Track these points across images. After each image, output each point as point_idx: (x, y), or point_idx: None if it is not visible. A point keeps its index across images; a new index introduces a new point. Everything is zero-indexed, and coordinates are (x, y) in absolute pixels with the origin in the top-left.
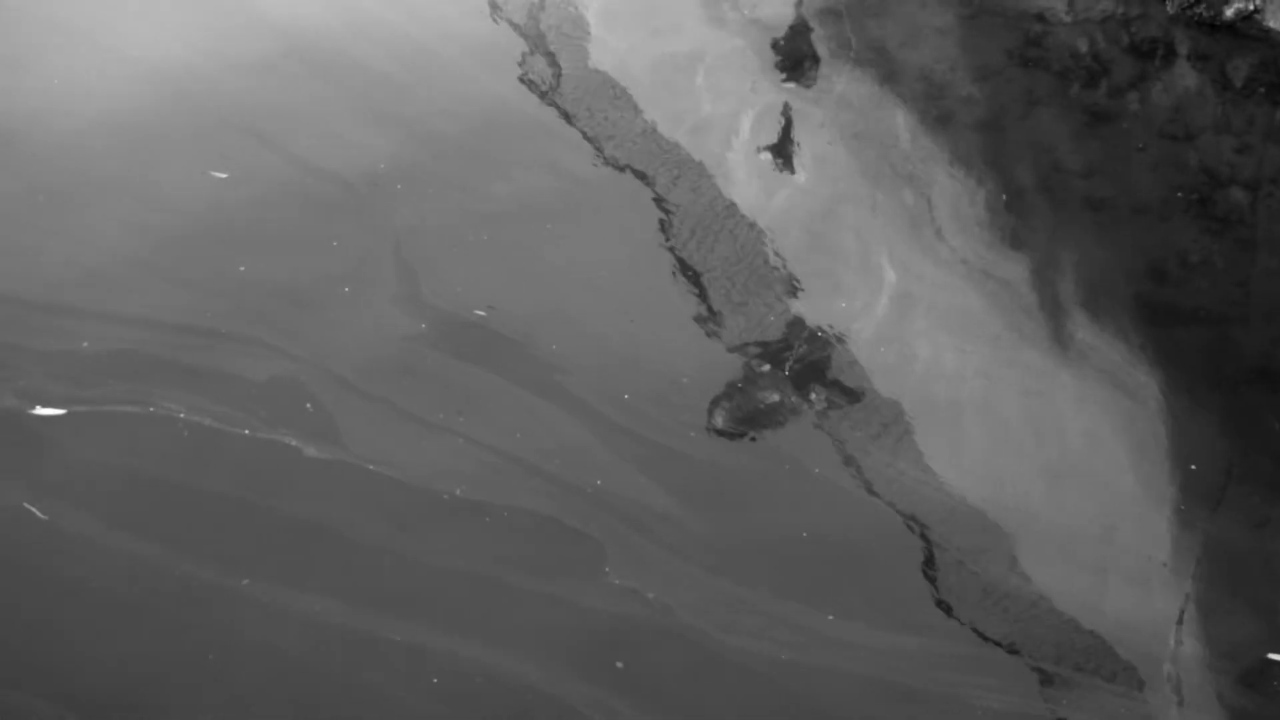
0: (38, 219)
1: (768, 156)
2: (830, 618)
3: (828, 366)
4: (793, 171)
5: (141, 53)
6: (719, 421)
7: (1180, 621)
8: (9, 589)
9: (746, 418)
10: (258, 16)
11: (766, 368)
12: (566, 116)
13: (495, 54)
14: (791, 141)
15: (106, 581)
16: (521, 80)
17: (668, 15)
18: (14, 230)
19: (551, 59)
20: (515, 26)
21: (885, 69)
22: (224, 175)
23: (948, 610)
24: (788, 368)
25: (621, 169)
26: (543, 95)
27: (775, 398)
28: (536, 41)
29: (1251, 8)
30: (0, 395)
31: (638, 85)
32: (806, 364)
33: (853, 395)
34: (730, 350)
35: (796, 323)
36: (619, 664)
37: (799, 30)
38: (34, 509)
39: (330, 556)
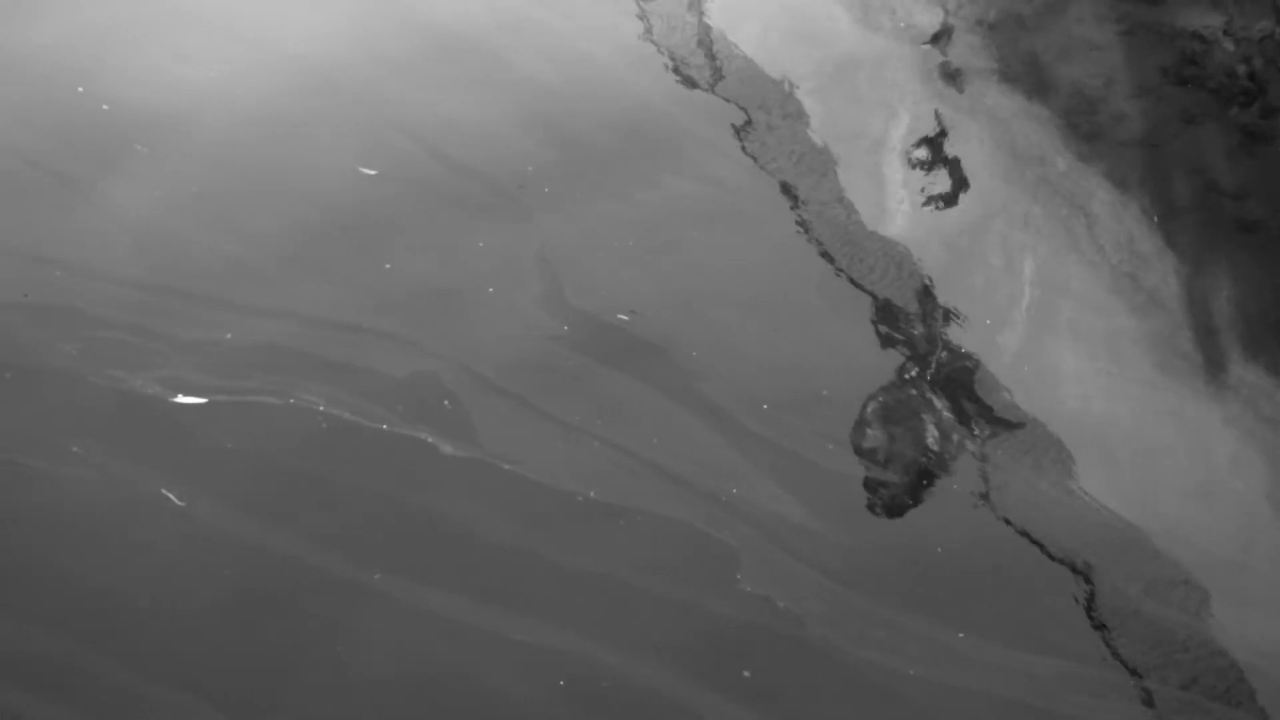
0: (189, 210)
1: (918, 168)
2: (961, 635)
3: (971, 383)
4: (943, 184)
5: (298, 49)
6: (858, 435)
7: None
8: (142, 574)
9: (887, 432)
10: (412, 14)
11: (908, 382)
12: (716, 123)
13: (647, 58)
14: (942, 153)
15: (239, 570)
16: (672, 86)
17: (821, 22)
18: (165, 220)
19: (702, 65)
20: (667, 31)
21: (1037, 82)
22: (374, 172)
23: (1082, 632)
24: (930, 383)
25: (770, 177)
26: (693, 101)
27: (916, 413)
28: (688, 47)
29: None
30: (144, 383)
31: (790, 93)
32: (949, 380)
33: (995, 413)
34: (872, 363)
35: (941, 339)
36: (746, 673)
37: (952, 41)
38: (171, 495)
39: (462, 554)
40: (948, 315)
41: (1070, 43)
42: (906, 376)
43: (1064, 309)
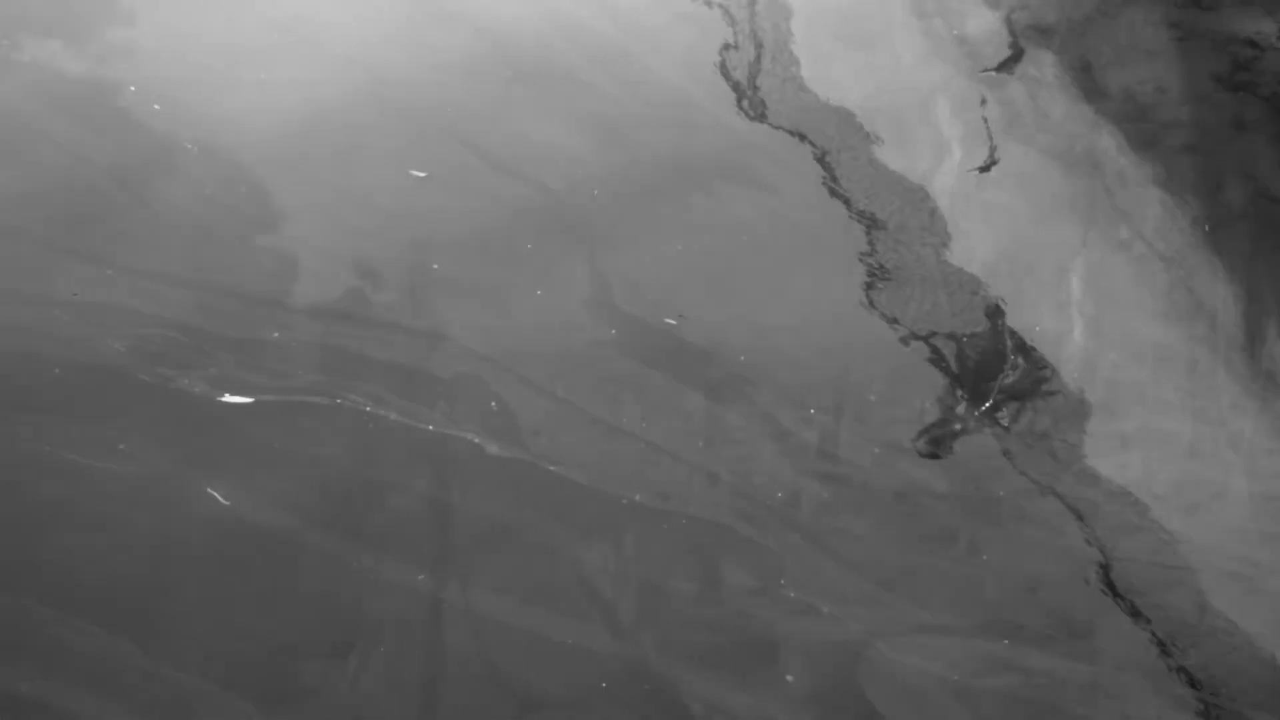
0: (239, 209)
1: (971, 174)
2: (1006, 642)
3: (1020, 392)
4: (996, 190)
5: (349, 50)
6: (906, 441)
7: None
8: (186, 572)
9: (934, 439)
10: (462, 17)
11: (956, 390)
12: (767, 128)
13: (699, 63)
14: (995, 159)
15: (283, 570)
16: (721, 92)
17: (874, 28)
18: (215, 220)
19: (755, 71)
20: (719, 37)
21: (1090, 88)
22: (424, 174)
23: (1127, 640)
24: (977, 391)
25: (820, 183)
26: (744, 107)
27: (964, 420)
28: (740, 53)
29: None
30: (192, 382)
31: (841, 99)
32: (998, 389)
33: (1044, 421)
34: (920, 369)
35: (992, 346)
36: (789, 677)
37: (1006, 47)
38: (216, 494)
39: (506, 555)
40: (997, 323)
41: (1123, 49)
42: (953, 384)
43: (1114, 316)
